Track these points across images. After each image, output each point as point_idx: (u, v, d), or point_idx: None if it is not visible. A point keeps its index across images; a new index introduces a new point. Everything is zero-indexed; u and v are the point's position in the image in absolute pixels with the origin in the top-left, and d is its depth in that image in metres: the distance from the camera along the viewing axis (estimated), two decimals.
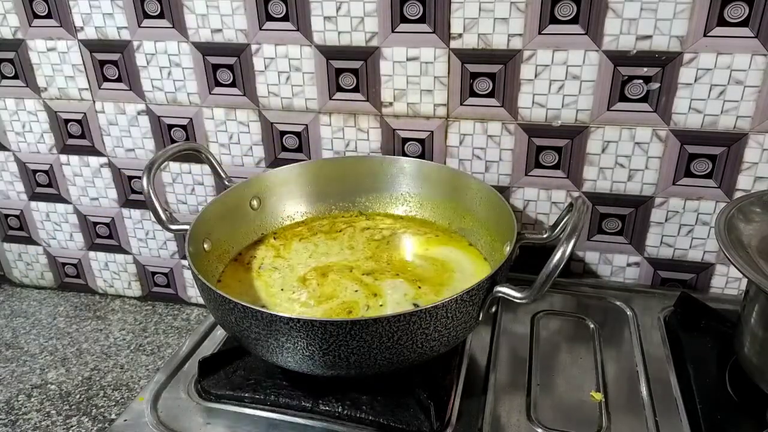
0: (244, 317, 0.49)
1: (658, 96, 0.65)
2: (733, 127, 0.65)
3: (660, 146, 0.68)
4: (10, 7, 0.79)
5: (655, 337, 0.64)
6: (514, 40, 0.66)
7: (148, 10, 0.75)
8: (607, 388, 0.57)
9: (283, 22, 0.71)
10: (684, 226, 0.71)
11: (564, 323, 0.67)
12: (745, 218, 0.55)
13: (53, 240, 0.96)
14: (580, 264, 0.77)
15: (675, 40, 0.63)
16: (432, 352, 0.51)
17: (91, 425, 0.72)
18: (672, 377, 0.59)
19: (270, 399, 0.56)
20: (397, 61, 0.70)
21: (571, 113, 0.69)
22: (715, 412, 0.53)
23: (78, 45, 0.79)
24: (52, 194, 0.92)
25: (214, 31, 0.74)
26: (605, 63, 0.65)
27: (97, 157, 0.87)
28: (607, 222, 0.74)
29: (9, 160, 0.90)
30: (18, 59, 0.82)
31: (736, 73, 0.63)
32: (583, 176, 0.72)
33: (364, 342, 0.47)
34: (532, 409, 0.55)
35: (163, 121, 0.82)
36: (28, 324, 0.91)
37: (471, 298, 0.50)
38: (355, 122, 0.76)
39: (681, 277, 0.75)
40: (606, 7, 0.63)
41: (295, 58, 0.73)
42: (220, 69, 0.76)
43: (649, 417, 0.54)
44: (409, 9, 0.67)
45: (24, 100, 0.85)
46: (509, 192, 0.75)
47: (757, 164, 0.66)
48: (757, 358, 0.54)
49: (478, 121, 0.72)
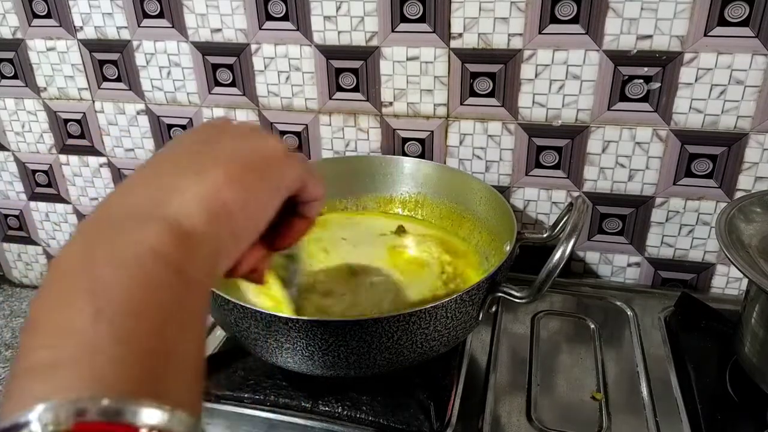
0: (244, 317, 0.48)
1: (658, 96, 0.65)
2: (734, 126, 0.65)
3: (660, 146, 0.68)
4: (9, 6, 0.78)
5: (655, 337, 0.64)
6: (515, 40, 0.66)
7: (147, 9, 0.74)
8: (607, 388, 0.57)
9: (283, 21, 0.71)
10: (684, 226, 0.71)
11: (564, 323, 0.67)
12: (746, 218, 0.55)
13: (53, 240, 0.96)
14: (580, 264, 0.77)
15: (675, 39, 0.62)
16: (432, 352, 0.51)
17: None
18: (672, 377, 0.59)
19: (269, 399, 0.56)
20: (397, 60, 0.70)
21: (571, 113, 0.68)
22: (716, 412, 0.53)
23: (77, 45, 0.79)
24: (51, 194, 0.92)
25: (213, 31, 0.74)
26: (606, 63, 0.65)
27: (96, 157, 0.87)
28: (608, 222, 0.74)
29: (8, 160, 0.90)
30: (17, 59, 0.82)
31: (736, 72, 0.62)
32: (583, 176, 0.72)
33: (364, 342, 0.47)
34: (533, 410, 0.55)
35: (163, 120, 0.81)
36: None
37: (471, 298, 0.50)
38: (355, 122, 0.75)
39: (681, 277, 0.75)
40: (606, 7, 0.63)
41: (295, 58, 0.73)
42: (219, 69, 0.76)
43: (649, 417, 0.54)
44: (409, 9, 0.67)
45: (23, 100, 0.85)
46: (509, 192, 0.75)
47: (758, 164, 0.66)
48: (758, 359, 0.54)
49: (478, 120, 0.72)
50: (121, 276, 0.23)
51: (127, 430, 0.19)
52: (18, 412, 0.19)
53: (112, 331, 0.21)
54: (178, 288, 0.24)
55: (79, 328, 0.21)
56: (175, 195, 0.27)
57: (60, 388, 0.20)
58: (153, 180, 0.29)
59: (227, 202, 0.28)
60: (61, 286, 0.23)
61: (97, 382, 0.20)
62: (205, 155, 0.30)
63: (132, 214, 0.26)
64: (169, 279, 0.24)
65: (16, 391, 0.20)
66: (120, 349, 0.21)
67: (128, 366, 0.21)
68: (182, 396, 0.22)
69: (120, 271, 0.23)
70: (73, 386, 0.20)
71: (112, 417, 0.19)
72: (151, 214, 0.26)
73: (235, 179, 0.29)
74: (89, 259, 0.24)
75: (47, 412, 0.19)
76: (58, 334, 0.22)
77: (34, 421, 0.19)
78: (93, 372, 0.20)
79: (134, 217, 0.26)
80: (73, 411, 0.19)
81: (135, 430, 0.19)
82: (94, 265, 0.24)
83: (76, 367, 0.20)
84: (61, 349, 0.21)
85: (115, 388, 0.20)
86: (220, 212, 0.28)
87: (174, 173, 0.29)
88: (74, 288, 0.23)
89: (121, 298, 0.23)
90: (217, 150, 0.30)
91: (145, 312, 0.23)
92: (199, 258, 0.26)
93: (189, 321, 0.25)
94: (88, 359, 0.21)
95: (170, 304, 0.24)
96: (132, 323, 0.22)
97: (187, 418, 0.21)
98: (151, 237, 0.25)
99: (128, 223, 0.26)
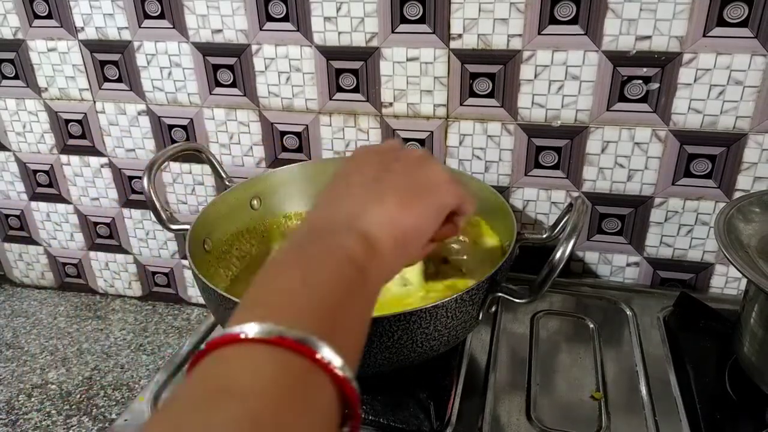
0: None
1: (657, 96, 0.66)
2: (733, 127, 0.65)
3: (659, 146, 0.68)
4: (10, 7, 0.79)
5: (654, 337, 0.64)
6: (514, 41, 0.66)
7: (148, 10, 0.75)
8: (606, 388, 0.57)
9: (284, 22, 0.72)
10: (683, 226, 0.72)
11: (564, 323, 0.67)
12: (745, 218, 0.55)
13: (54, 240, 0.96)
14: (579, 264, 0.78)
15: (674, 40, 0.63)
16: (432, 351, 0.51)
17: (91, 425, 0.72)
18: (671, 377, 0.59)
19: None
20: (397, 61, 0.71)
21: (570, 113, 0.69)
22: (715, 412, 0.53)
23: (78, 45, 0.79)
24: (52, 194, 0.92)
25: (214, 32, 0.74)
26: (605, 63, 0.65)
27: (97, 157, 0.87)
28: (607, 222, 0.74)
29: (9, 161, 0.90)
30: (18, 59, 0.82)
31: (735, 73, 0.63)
32: (582, 176, 0.72)
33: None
34: (532, 409, 0.55)
35: (164, 121, 0.82)
36: (28, 324, 0.92)
37: (471, 298, 0.50)
38: (355, 122, 0.76)
39: (680, 277, 0.75)
40: (605, 8, 0.63)
41: (296, 59, 0.73)
42: (220, 69, 0.76)
43: (648, 417, 0.54)
44: (409, 9, 0.68)
45: (24, 101, 0.85)
46: (509, 192, 0.75)
47: (757, 164, 0.66)
48: (757, 358, 0.54)
49: (477, 121, 0.72)
50: (324, 263, 0.32)
51: (310, 353, 0.26)
52: (239, 324, 0.27)
53: (311, 294, 0.30)
54: (359, 280, 0.33)
55: (290, 288, 0.31)
56: (363, 216, 0.36)
57: (271, 317, 0.27)
58: (346, 199, 0.38)
59: (404, 228, 0.37)
60: (279, 269, 0.32)
61: (299, 322, 0.28)
62: (383, 181, 0.39)
63: (332, 224, 0.36)
64: (355, 274, 0.33)
65: (241, 313, 0.28)
66: (316, 306, 0.29)
67: (318, 318, 0.29)
68: (349, 352, 0.29)
69: (322, 260, 0.33)
70: (280, 319, 0.27)
71: (304, 343, 0.26)
72: (347, 226, 0.35)
73: (407, 206, 0.38)
74: (301, 252, 0.34)
75: (258, 328, 0.27)
76: (276, 290, 0.31)
77: (249, 331, 0.26)
78: (297, 316, 0.28)
79: (335, 227, 0.35)
80: (277, 332, 0.26)
81: (313, 354, 0.27)
82: (305, 255, 0.33)
83: (285, 309, 0.29)
84: (277, 297, 0.30)
85: (309, 329, 0.27)
86: (398, 236, 0.37)
87: (361, 195, 0.38)
88: (289, 267, 0.32)
89: (321, 276, 0.31)
90: (394, 179, 0.39)
91: (336, 289, 0.31)
92: (378, 265, 0.35)
93: (362, 304, 0.33)
94: (294, 307, 0.29)
95: (352, 290, 0.32)
96: (326, 292, 0.30)
97: (349, 368, 0.28)
98: (347, 242, 0.34)
99: (330, 231, 0.35)
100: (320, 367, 0.27)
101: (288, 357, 0.26)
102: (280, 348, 0.26)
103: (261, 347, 0.26)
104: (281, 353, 0.26)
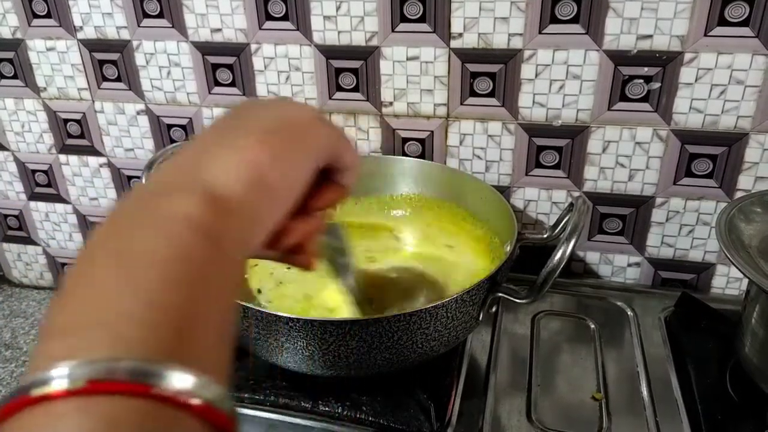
0: (244, 317, 0.48)
1: (658, 96, 0.65)
2: (734, 126, 0.65)
3: (661, 146, 0.68)
4: (9, 6, 0.78)
5: (655, 338, 0.64)
6: (515, 40, 0.66)
7: (147, 9, 0.74)
8: (607, 389, 0.57)
9: (283, 21, 0.71)
10: (685, 226, 0.71)
11: (564, 324, 0.67)
12: (746, 218, 0.55)
13: (52, 240, 0.96)
14: (580, 264, 0.77)
15: (676, 39, 0.62)
16: (432, 352, 0.51)
17: None
18: (672, 377, 0.59)
19: (270, 400, 0.56)
20: (397, 60, 0.70)
21: (571, 113, 0.68)
22: (716, 413, 0.53)
23: (77, 45, 0.79)
24: (51, 194, 0.92)
25: (213, 31, 0.74)
26: (606, 63, 0.65)
27: (96, 157, 0.86)
28: (608, 222, 0.74)
29: (8, 160, 0.90)
30: (17, 59, 0.82)
31: (736, 72, 0.62)
32: (583, 176, 0.72)
33: (364, 342, 0.47)
34: (533, 410, 0.55)
35: (163, 120, 0.81)
36: (27, 324, 0.91)
37: (471, 298, 0.50)
38: (355, 122, 0.75)
39: (682, 277, 0.75)
40: (606, 7, 0.63)
41: (295, 58, 0.73)
42: (219, 68, 0.76)
43: (649, 417, 0.54)
44: (409, 8, 0.67)
45: (23, 100, 0.85)
46: (509, 192, 0.75)
47: (758, 164, 0.66)
48: (758, 359, 0.54)
49: (478, 120, 0.71)
50: (153, 240, 0.23)
51: (149, 391, 0.19)
52: (39, 371, 0.19)
53: (139, 295, 0.21)
54: (211, 255, 0.24)
55: (104, 292, 0.21)
56: (210, 165, 0.28)
57: (82, 349, 0.19)
58: (192, 153, 0.29)
59: (261, 168, 0.29)
60: (95, 251, 0.24)
61: (123, 344, 0.20)
62: (238, 127, 0.30)
63: (170, 183, 0.27)
64: (202, 245, 0.24)
65: (40, 352, 0.20)
66: (147, 313, 0.21)
67: (156, 330, 0.21)
68: (209, 364, 0.22)
69: (152, 236, 0.23)
70: (96, 347, 0.19)
71: (136, 378, 0.19)
72: (187, 183, 0.27)
73: (267, 145, 0.29)
74: (126, 224, 0.25)
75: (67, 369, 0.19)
76: (86, 299, 0.22)
77: (53, 379, 0.18)
78: (119, 334, 0.20)
79: (171, 186, 0.27)
80: (93, 371, 0.19)
81: (159, 392, 0.19)
82: (130, 229, 0.24)
83: (101, 329, 0.20)
84: (87, 312, 0.21)
85: (140, 351, 0.20)
86: (254, 178, 0.28)
87: (211, 145, 0.29)
88: (107, 252, 0.23)
89: (151, 263, 0.22)
90: (251, 120, 0.31)
91: (176, 278, 0.22)
92: (234, 225, 0.26)
93: (220, 289, 0.24)
94: (114, 322, 0.20)
95: (202, 271, 0.24)
96: (161, 288, 0.22)
97: (214, 386, 0.20)
98: (185, 204, 0.25)
99: (165, 191, 0.26)
100: (167, 403, 0.19)
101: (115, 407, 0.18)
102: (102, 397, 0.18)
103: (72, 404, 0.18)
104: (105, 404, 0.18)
